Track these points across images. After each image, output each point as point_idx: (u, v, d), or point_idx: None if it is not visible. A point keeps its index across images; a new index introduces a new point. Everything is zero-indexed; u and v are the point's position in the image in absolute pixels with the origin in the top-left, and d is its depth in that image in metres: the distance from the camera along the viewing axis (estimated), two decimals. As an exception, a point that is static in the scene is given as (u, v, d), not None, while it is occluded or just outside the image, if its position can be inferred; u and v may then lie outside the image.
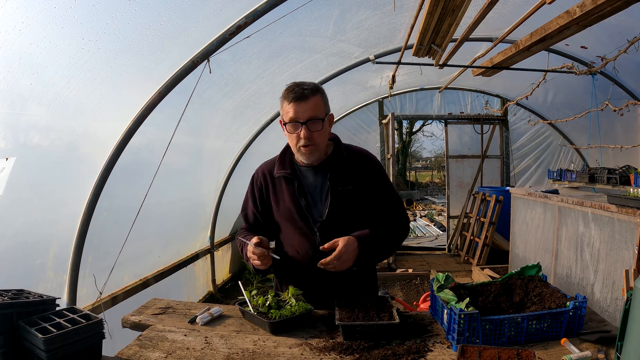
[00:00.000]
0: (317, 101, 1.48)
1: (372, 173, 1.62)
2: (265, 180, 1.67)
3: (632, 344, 1.01)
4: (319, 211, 1.58)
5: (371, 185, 1.60)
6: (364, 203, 1.59)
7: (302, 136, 1.47)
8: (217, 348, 1.28)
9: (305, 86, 1.48)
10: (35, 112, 2.03)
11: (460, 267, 5.91)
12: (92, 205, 2.52)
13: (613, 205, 2.80)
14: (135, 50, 2.27)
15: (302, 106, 1.46)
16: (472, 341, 1.24)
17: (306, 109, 1.46)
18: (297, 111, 1.46)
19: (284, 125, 1.53)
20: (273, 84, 4.11)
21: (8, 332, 1.15)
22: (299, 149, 1.52)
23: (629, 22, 3.34)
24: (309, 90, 1.47)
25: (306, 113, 1.46)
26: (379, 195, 1.61)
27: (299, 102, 1.46)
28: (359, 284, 1.64)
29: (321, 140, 1.52)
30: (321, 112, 1.49)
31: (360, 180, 1.58)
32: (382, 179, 1.64)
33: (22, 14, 1.61)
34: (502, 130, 6.83)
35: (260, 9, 2.50)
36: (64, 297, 2.45)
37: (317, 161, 1.58)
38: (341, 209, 1.55)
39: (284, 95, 1.50)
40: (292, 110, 1.46)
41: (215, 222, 4.80)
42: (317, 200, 1.59)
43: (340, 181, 1.56)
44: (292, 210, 1.58)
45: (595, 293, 2.99)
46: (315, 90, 1.49)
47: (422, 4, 2.94)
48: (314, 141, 1.49)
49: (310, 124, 1.46)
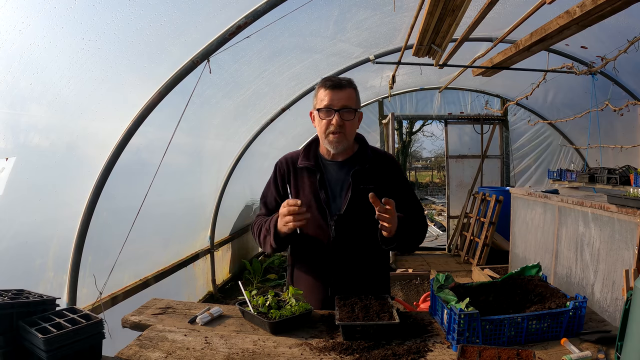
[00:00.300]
0: (351, 93, 1.56)
1: (394, 175, 1.66)
2: (288, 169, 1.70)
3: (632, 344, 1.01)
4: (337, 206, 1.61)
5: (392, 187, 1.62)
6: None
7: (334, 122, 1.52)
8: (217, 348, 1.28)
9: (342, 78, 1.58)
10: (35, 113, 2.03)
11: (460, 267, 5.91)
12: (92, 205, 2.52)
13: (613, 205, 2.80)
14: (136, 50, 2.28)
15: (338, 94, 1.53)
16: (472, 341, 1.24)
17: (341, 97, 1.53)
18: (332, 98, 1.52)
19: (316, 111, 1.58)
20: (273, 84, 4.11)
21: (8, 332, 1.15)
22: (327, 136, 1.56)
23: (629, 22, 3.34)
24: (345, 82, 1.56)
25: (341, 101, 1.52)
26: (400, 197, 1.62)
27: (335, 90, 1.53)
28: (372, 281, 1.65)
29: (350, 130, 1.57)
30: (354, 103, 1.57)
31: (382, 180, 1.61)
32: (404, 182, 1.69)
33: (22, 14, 1.61)
34: (502, 130, 6.83)
35: (260, 9, 2.50)
36: (64, 297, 2.45)
37: (343, 154, 1.63)
38: (359, 206, 1.56)
39: (321, 84, 1.57)
40: (327, 97, 1.53)
41: (215, 222, 4.80)
42: (337, 195, 1.62)
43: (362, 179, 1.59)
44: (311, 201, 1.61)
45: (595, 293, 2.99)
46: (351, 83, 1.58)
47: (422, 4, 2.94)
48: (344, 129, 1.54)
49: (344, 112, 1.53)
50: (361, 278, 1.62)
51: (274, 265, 6.19)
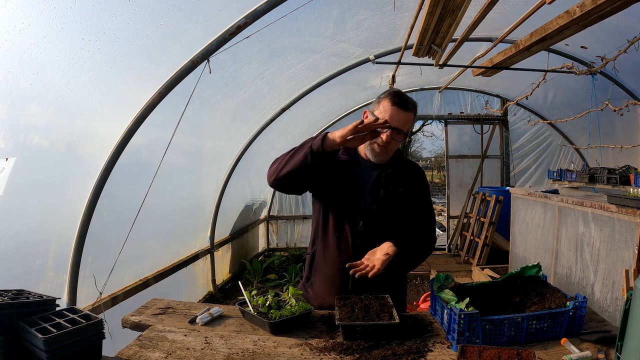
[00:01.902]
0: (411, 117, 1.63)
1: (419, 184, 1.75)
2: None
3: (632, 344, 1.01)
4: (367, 202, 1.66)
5: (416, 194, 1.71)
6: (407, 207, 1.69)
7: (384, 137, 1.58)
8: (217, 348, 1.28)
9: (411, 101, 1.64)
10: (35, 113, 2.03)
11: (460, 267, 5.91)
12: (92, 205, 2.52)
13: (613, 205, 2.80)
14: (135, 50, 2.27)
15: (400, 114, 1.58)
16: (472, 341, 1.24)
17: (402, 117, 1.58)
18: (394, 115, 1.56)
19: (372, 116, 1.62)
20: (273, 84, 4.11)
21: (8, 332, 1.15)
22: (372, 145, 1.62)
23: (629, 22, 3.34)
24: (411, 105, 1.63)
25: (400, 121, 1.58)
26: (420, 205, 1.72)
27: (399, 109, 1.58)
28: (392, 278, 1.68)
29: (393, 148, 1.65)
30: (408, 128, 1.64)
31: (409, 186, 1.69)
32: (425, 193, 1.77)
33: (22, 14, 1.61)
34: (502, 130, 6.83)
35: (260, 9, 2.50)
36: (64, 297, 2.45)
37: (385, 160, 1.68)
38: (388, 206, 1.64)
39: (389, 97, 1.60)
40: (390, 112, 1.57)
41: (215, 222, 4.80)
42: (367, 192, 1.67)
43: (392, 181, 1.67)
44: (344, 193, 1.66)
45: (595, 293, 2.99)
46: (414, 108, 1.65)
47: (422, 4, 2.94)
48: (388, 146, 1.61)
49: (395, 133, 1.58)
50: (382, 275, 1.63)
51: (274, 266, 6.20)
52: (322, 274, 1.70)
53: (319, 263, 1.73)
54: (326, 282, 1.67)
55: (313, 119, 6.16)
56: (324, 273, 1.69)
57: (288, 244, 7.14)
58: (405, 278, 1.85)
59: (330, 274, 1.67)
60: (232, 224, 5.57)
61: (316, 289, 1.70)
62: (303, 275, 1.82)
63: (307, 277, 1.77)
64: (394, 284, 1.71)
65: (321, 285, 1.69)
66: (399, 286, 1.77)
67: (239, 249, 5.88)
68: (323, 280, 1.69)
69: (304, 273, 1.82)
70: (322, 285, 1.69)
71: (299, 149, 1.52)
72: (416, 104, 1.67)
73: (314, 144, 1.47)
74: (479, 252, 5.55)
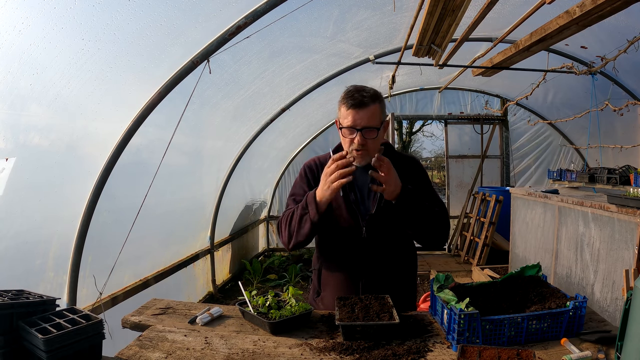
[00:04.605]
0: (375, 110, 1.50)
1: (418, 177, 1.67)
2: (318, 172, 1.69)
3: (632, 344, 1.01)
4: (366, 207, 1.63)
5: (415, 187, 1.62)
6: None
7: (357, 142, 1.50)
8: (217, 348, 1.28)
9: (365, 92, 1.50)
10: (35, 113, 2.03)
11: (460, 267, 5.91)
12: (92, 205, 2.52)
13: (613, 205, 2.80)
14: (135, 50, 2.27)
15: (360, 113, 1.48)
16: (472, 341, 1.24)
17: (363, 116, 1.48)
18: (355, 118, 1.48)
19: (340, 128, 1.56)
20: (273, 84, 4.11)
21: (8, 332, 1.15)
22: (351, 152, 1.55)
23: (629, 22, 3.34)
24: (368, 98, 1.49)
25: (363, 120, 1.48)
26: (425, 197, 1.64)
27: (357, 109, 1.48)
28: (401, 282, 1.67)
29: (374, 147, 1.55)
30: (377, 120, 1.52)
31: (407, 182, 1.61)
32: (428, 184, 1.69)
33: (21, 14, 1.61)
34: (502, 130, 6.83)
35: (260, 9, 2.50)
36: (64, 297, 2.45)
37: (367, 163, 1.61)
38: (388, 207, 1.58)
39: (343, 100, 1.52)
40: (349, 117, 1.49)
41: (215, 223, 4.80)
42: (365, 197, 1.64)
43: None
44: (341, 203, 1.62)
45: (595, 293, 2.99)
46: (374, 98, 1.51)
47: (422, 4, 2.94)
48: (366, 147, 1.52)
49: (366, 131, 1.49)
50: (391, 279, 1.63)
51: (274, 266, 6.20)
52: (331, 287, 1.68)
53: (326, 277, 1.71)
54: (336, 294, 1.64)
55: (313, 119, 6.16)
56: (333, 286, 1.67)
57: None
58: (414, 279, 1.80)
59: (339, 287, 1.65)
60: (232, 224, 5.57)
61: (326, 303, 1.69)
62: (311, 289, 1.80)
63: (317, 291, 1.75)
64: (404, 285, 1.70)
65: (332, 299, 1.66)
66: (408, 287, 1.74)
67: (239, 249, 5.88)
68: (333, 293, 1.66)
69: (311, 286, 1.80)
70: (332, 299, 1.66)
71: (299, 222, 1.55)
72: (375, 92, 1.53)
73: (312, 216, 1.51)
74: (479, 252, 5.55)
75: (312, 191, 1.53)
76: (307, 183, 1.72)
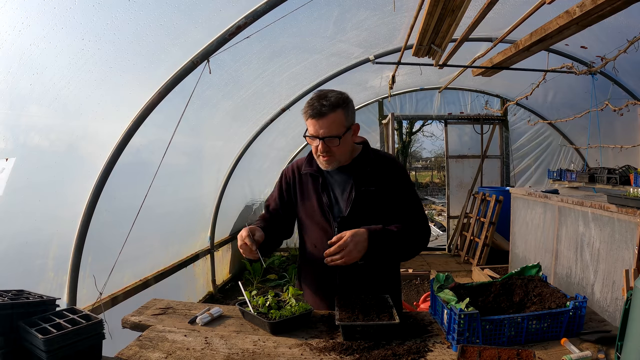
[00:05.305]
0: (335, 118, 1.47)
1: (396, 177, 1.64)
2: (293, 176, 1.72)
3: (632, 344, 1.01)
4: (340, 208, 1.62)
5: (394, 189, 1.61)
6: (385, 205, 1.61)
7: (320, 149, 1.51)
8: (217, 348, 1.28)
9: (326, 101, 1.47)
10: (35, 113, 2.03)
11: (460, 267, 5.91)
12: (92, 205, 2.52)
13: (613, 205, 2.80)
14: (135, 50, 2.27)
15: (320, 123, 1.47)
16: (472, 341, 1.24)
17: (324, 125, 1.46)
18: (316, 128, 1.48)
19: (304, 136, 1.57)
20: (273, 84, 4.11)
21: (8, 332, 1.15)
22: (318, 157, 1.57)
23: (629, 22, 3.34)
24: (327, 107, 1.45)
25: (323, 129, 1.47)
26: (401, 198, 1.63)
27: (316, 119, 1.47)
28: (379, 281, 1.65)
29: (340, 152, 1.53)
30: (340, 128, 1.48)
31: (384, 182, 1.60)
32: (405, 185, 1.66)
33: (21, 14, 1.61)
34: (502, 130, 6.83)
35: (260, 10, 2.50)
36: (64, 297, 2.45)
37: (338, 166, 1.60)
38: (362, 208, 1.58)
39: (305, 109, 1.52)
40: (311, 126, 1.50)
41: (215, 223, 4.80)
42: (340, 198, 1.63)
43: (364, 182, 1.59)
44: (315, 205, 1.63)
45: (595, 293, 2.99)
46: (335, 105, 1.47)
47: (422, 4, 2.94)
48: (331, 154, 1.52)
49: (328, 140, 1.49)
50: (368, 278, 1.62)
51: (274, 266, 6.19)
52: (309, 286, 1.72)
53: (304, 276, 1.75)
54: (313, 294, 1.69)
55: (313, 119, 6.15)
56: (310, 285, 1.71)
57: (288, 244, 7.13)
58: (397, 275, 1.78)
59: (315, 286, 1.69)
60: (232, 224, 5.57)
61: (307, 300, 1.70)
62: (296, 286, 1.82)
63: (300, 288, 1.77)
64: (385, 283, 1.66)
65: (310, 297, 1.71)
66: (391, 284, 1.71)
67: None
68: (311, 292, 1.71)
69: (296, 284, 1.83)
70: (310, 297, 1.71)
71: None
72: (337, 99, 1.48)
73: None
74: (479, 252, 5.55)
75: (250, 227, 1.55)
76: (279, 191, 1.75)
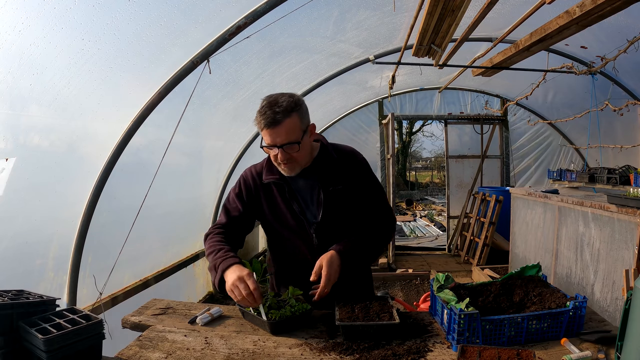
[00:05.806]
0: (291, 124, 1.42)
1: (359, 171, 1.61)
2: (255, 185, 1.64)
3: (632, 344, 1.01)
4: (313, 213, 1.59)
5: (358, 183, 1.59)
6: (354, 201, 1.59)
7: (280, 159, 1.46)
8: (217, 348, 1.28)
9: (278, 107, 1.41)
10: (35, 113, 2.03)
11: (460, 267, 5.91)
12: (92, 205, 2.52)
13: (613, 205, 2.80)
14: (135, 50, 2.27)
15: (276, 132, 1.41)
16: (472, 341, 1.24)
17: (279, 132, 1.41)
18: (272, 137, 1.42)
19: (261, 147, 1.51)
20: (273, 84, 4.11)
21: (8, 332, 1.15)
22: (279, 165, 1.51)
23: (629, 22, 3.34)
24: (280, 115, 1.40)
25: (280, 137, 1.42)
26: (365, 192, 1.61)
27: (272, 128, 1.41)
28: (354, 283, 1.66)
29: (301, 156, 1.49)
30: (297, 134, 1.44)
31: (349, 178, 1.58)
32: (368, 176, 1.63)
33: (21, 14, 1.61)
34: (502, 130, 6.83)
35: (260, 10, 2.50)
36: (64, 297, 2.45)
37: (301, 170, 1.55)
38: (334, 209, 1.56)
39: (257, 119, 1.45)
40: (266, 136, 1.44)
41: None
42: (309, 202, 1.59)
43: (330, 181, 1.55)
44: (287, 214, 1.59)
45: (595, 293, 2.99)
46: (289, 110, 1.42)
47: (422, 4, 2.94)
48: (292, 160, 1.48)
49: (286, 147, 1.43)
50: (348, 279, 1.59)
51: (274, 266, 6.18)
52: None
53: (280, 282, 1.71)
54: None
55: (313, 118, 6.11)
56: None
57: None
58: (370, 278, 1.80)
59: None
60: (232, 224, 5.55)
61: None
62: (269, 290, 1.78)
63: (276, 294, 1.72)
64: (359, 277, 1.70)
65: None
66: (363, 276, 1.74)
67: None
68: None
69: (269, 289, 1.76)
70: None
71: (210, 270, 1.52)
72: (289, 103, 1.43)
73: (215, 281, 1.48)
74: (479, 252, 5.55)
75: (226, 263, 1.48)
76: (239, 198, 1.65)
